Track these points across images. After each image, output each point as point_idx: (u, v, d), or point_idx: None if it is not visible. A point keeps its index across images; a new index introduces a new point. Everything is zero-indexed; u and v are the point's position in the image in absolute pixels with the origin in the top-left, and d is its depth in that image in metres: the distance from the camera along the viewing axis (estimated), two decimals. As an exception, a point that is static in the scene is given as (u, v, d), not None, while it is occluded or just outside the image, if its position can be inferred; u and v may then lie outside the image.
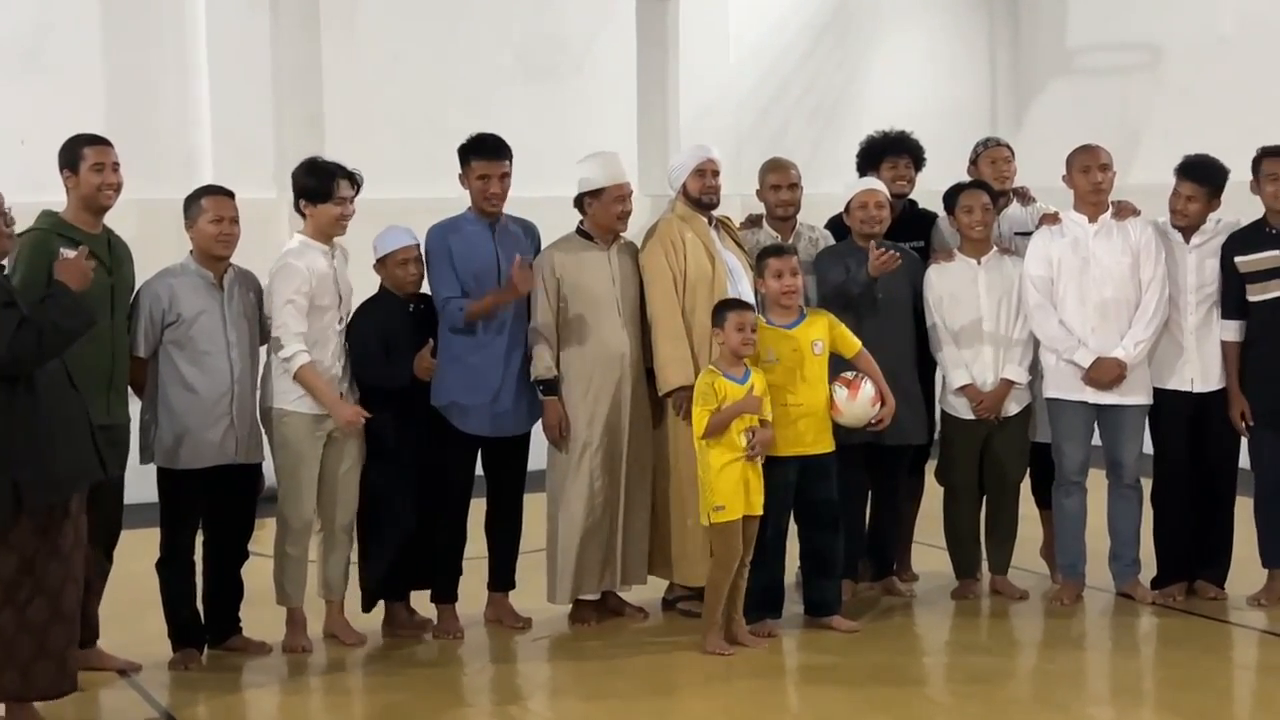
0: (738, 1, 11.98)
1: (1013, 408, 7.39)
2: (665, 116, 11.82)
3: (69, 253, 4.80)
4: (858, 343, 6.89)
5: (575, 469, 6.98)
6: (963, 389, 7.34)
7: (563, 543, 7.01)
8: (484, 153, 6.93)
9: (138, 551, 6.60)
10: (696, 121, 11.53)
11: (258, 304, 6.68)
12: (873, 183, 7.43)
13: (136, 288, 6.50)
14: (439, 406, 6.88)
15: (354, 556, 6.97)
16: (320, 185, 6.70)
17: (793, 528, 7.05)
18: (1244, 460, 7.39)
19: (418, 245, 6.87)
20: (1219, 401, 7.26)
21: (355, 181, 6.80)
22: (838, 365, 6.91)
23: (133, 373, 6.46)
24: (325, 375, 6.63)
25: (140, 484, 6.57)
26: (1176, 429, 7.28)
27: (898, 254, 7.03)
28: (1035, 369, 7.41)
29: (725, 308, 6.66)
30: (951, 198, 7.42)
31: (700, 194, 7.10)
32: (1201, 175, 7.19)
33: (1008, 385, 7.32)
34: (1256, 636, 6.98)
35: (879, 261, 6.99)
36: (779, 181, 7.50)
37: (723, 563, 6.63)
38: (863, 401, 6.78)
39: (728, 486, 6.53)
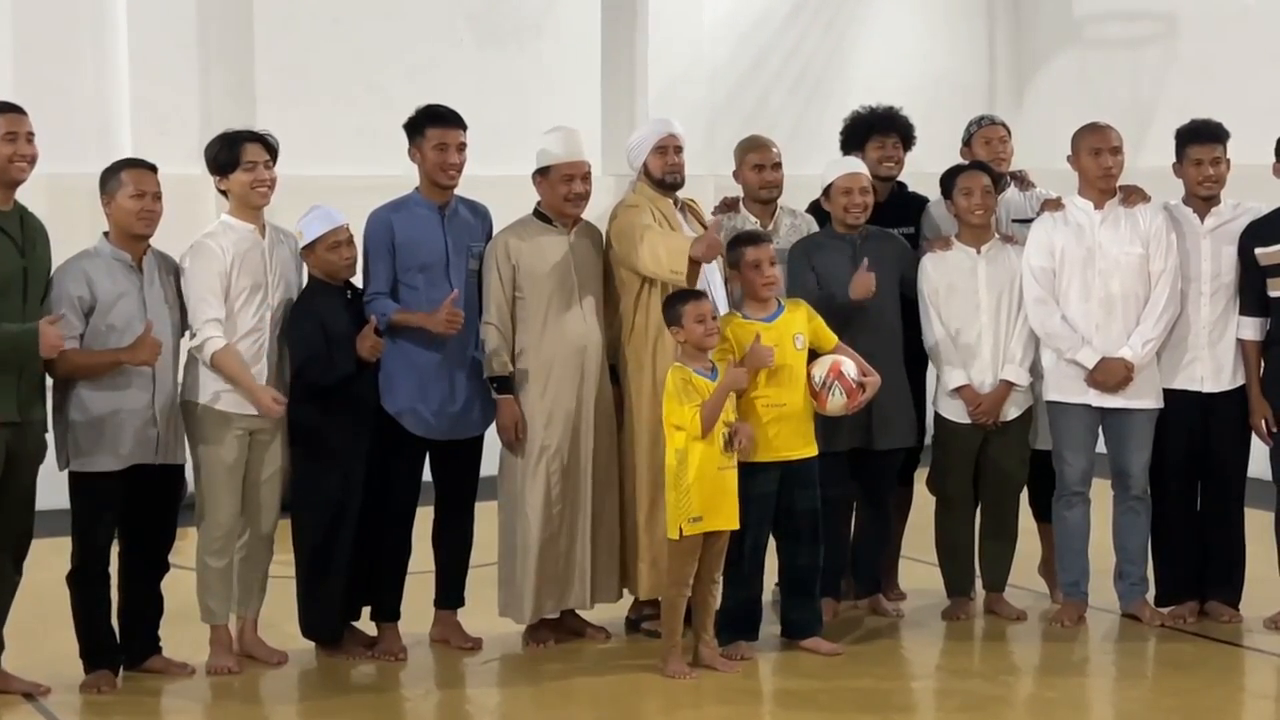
0: (713, -39, 12.04)
1: (1012, 412, 7.44)
2: (632, 88, 11.84)
3: None
4: (834, 337, 6.96)
5: (531, 475, 7.01)
6: (959, 390, 7.39)
7: (520, 557, 7.04)
8: (442, 119, 6.98)
9: (47, 561, 6.59)
10: (666, 93, 11.57)
11: (177, 289, 6.69)
12: (855, 164, 7.46)
13: (51, 271, 6.50)
14: (388, 409, 6.91)
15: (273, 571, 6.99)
16: (228, 154, 6.75)
17: (771, 541, 7.09)
18: (1255, 469, 7.47)
19: (347, 226, 6.89)
20: (1230, 403, 7.33)
21: (268, 145, 6.83)
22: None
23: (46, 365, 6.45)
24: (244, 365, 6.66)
25: (50, 488, 6.56)
26: (1182, 433, 7.34)
27: (874, 276, 7.09)
28: (1036, 370, 7.47)
29: (678, 300, 6.68)
30: (949, 180, 7.47)
31: (663, 173, 7.14)
32: (1217, 133, 7.28)
33: (1007, 387, 7.38)
34: (1275, 662, 7.04)
35: (861, 287, 7.06)
36: (761, 161, 7.54)
37: (678, 580, 6.68)
38: (835, 409, 6.86)
39: (705, 496, 6.58)
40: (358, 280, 7.01)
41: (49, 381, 6.45)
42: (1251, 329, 7.25)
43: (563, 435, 7.00)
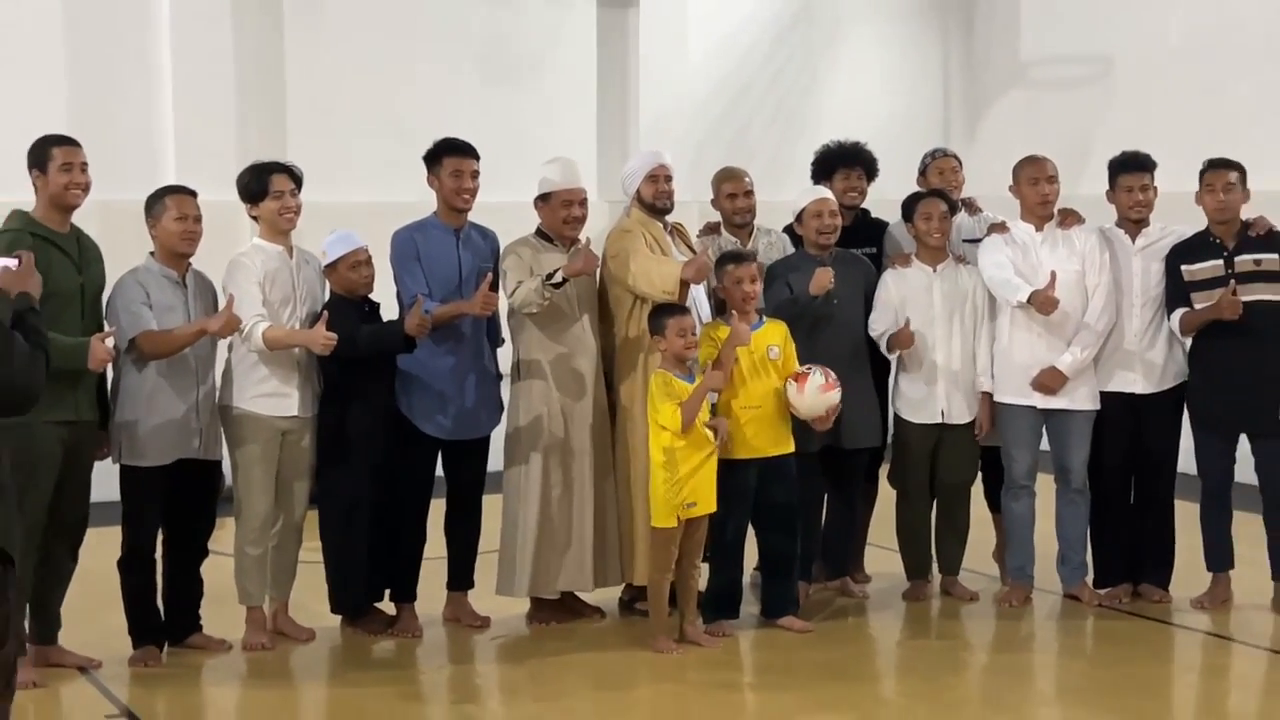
0: (698, 7, 12.02)
1: (965, 416, 7.46)
2: (625, 121, 11.84)
3: (10, 263, 4.38)
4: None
5: (533, 465, 7.00)
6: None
7: (520, 538, 7.03)
8: (457, 150, 6.99)
9: (99, 548, 6.58)
10: (655, 126, 11.57)
11: (214, 304, 6.69)
12: (824, 191, 7.48)
13: (106, 287, 6.50)
14: (405, 412, 6.91)
15: (302, 557, 7.00)
16: (258, 183, 6.75)
17: (750, 531, 7.10)
18: (1184, 465, 7.48)
19: (366, 248, 6.89)
20: (1161, 404, 7.34)
21: (294, 175, 6.83)
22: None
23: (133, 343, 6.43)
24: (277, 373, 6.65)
25: (101, 481, 6.57)
26: (1118, 431, 7.35)
27: (832, 271, 7.10)
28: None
29: (663, 314, 6.70)
30: (910, 205, 7.48)
31: (654, 199, 7.14)
32: (1145, 163, 7.31)
33: (987, 397, 7.39)
34: (1200, 639, 7.06)
35: (817, 284, 7.06)
36: (734, 190, 7.55)
37: (660, 565, 6.70)
38: (812, 390, 6.80)
39: (699, 484, 6.61)
40: (373, 296, 7.00)
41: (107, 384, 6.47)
42: (1176, 315, 7.22)
43: (563, 431, 7.00)
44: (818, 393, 6.81)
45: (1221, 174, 7.13)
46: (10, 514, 4.03)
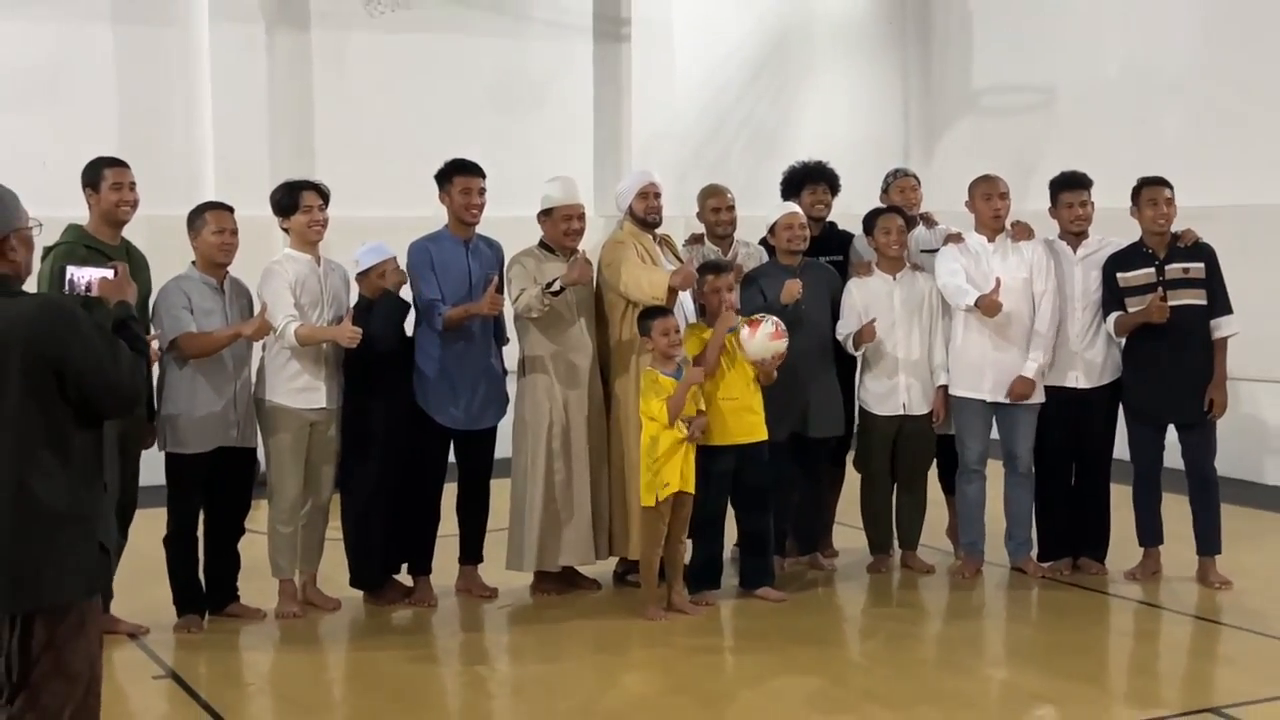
0: (683, 45, 12.01)
1: (923, 407, 7.45)
2: (619, 145, 11.82)
3: (107, 274, 4.27)
4: None
5: (537, 452, 6.99)
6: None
7: (526, 518, 7.03)
8: (466, 170, 6.99)
9: (146, 528, 6.57)
10: (646, 148, 11.55)
11: (249, 308, 6.68)
12: (794, 207, 7.49)
13: (151, 293, 6.49)
14: (421, 405, 6.89)
15: (328, 535, 6.98)
16: (289, 199, 6.74)
17: (730, 511, 7.09)
18: (1119, 452, 7.48)
19: (395, 258, 6.89)
20: (1099, 397, 7.34)
21: (322, 192, 6.82)
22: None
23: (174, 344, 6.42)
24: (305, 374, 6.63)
25: (148, 467, 6.55)
26: (1060, 422, 7.35)
27: (801, 283, 7.08)
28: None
29: (648, 317, 6.71)
30: (871, 220, 7.49)
31: (645, 214, 7.14)
32: (1083, 181, 7.31)
33: (943, 390, 7.38)
34: (1133, 607, 7.06)
35: (787, 294, 7.05)
36: (717, 205, 7.55)
37: (650, 540, 6.70)
38: (761, 336, 6.71)
39: (674, 468, 6.60)
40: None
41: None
42: (1112, 318, 7.20)
43: (563, 421, 6.99)
44: (766, 339, 6.72)
45: (1159, 190, 7.13)
46: (110, 511, 3.99)
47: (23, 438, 3.71)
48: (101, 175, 6.30)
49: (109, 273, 4.28)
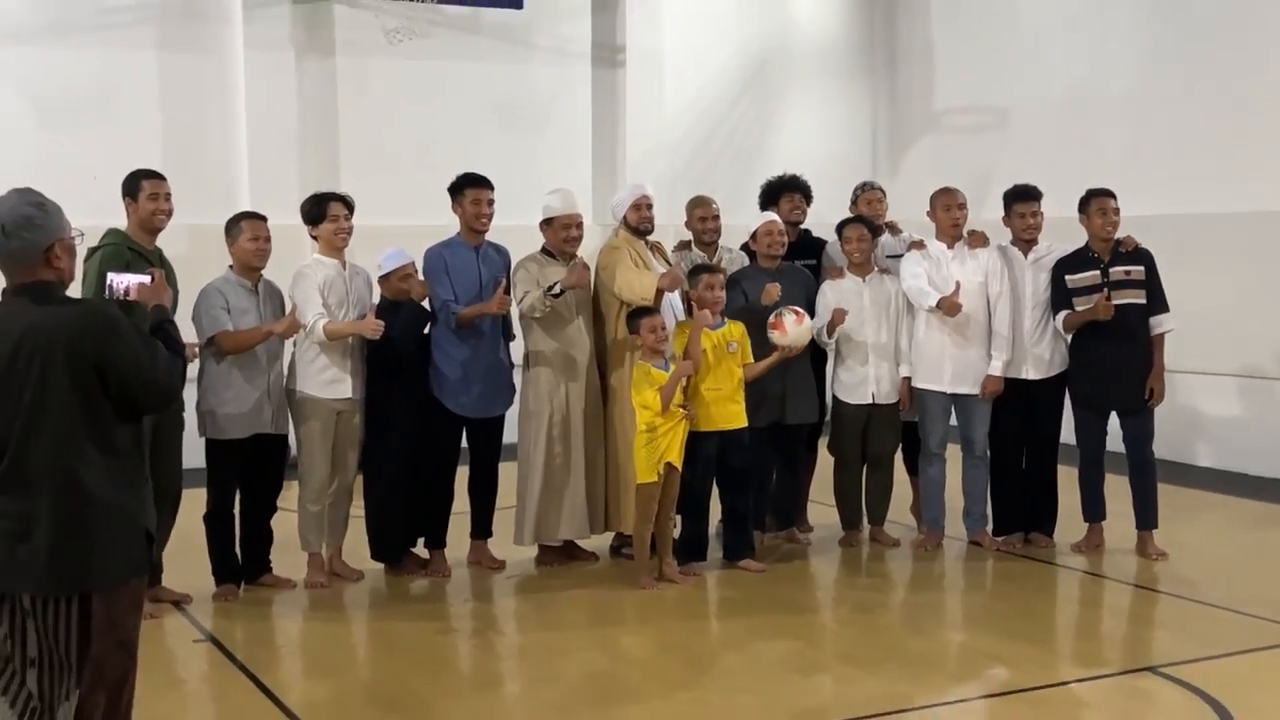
0: (673, 70, 12.03)
1: (890, 396, 7.47)
2: (615, 160, 11.82)
3: (145, 280, 4.22)
4: (751, 358, 6.99)
5: (540, 438, 7.00)
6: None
7: (528, 496, 7.04)
8: (477, 183, 7.00)
9: (189, 507, 6.57)
10: (639, 163, 11.57)
11: (281, 308, 6.69)
12: (773, 216, 7.50)
13: (181, 295, 6.46)
14: (436, 395, 6.90)
15: (353, 512, 6.98)
16: (317, 210, 6.74)
17: (715, 491, 7.11)
18: (1065, 437, 7.50)
19: (414, 263, 6.90)
20: (1048, 388, 7.36)
21: (347, 203, 6.82)
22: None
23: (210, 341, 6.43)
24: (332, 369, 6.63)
25: (190, 452, 6.54)
26: (1013, 411, 7.37)
27: (779, 286, 7.10)
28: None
29: (637, 316, 6.72)
30: (840, 229, 7.52)
31: (638, 223, 7.15)
32: (1034, 193, 7.33)
33: (906, 381, 7.39)
34: (1078, 576, 7.08)
35: (767, 296, 7.07)
36: (704, 214, 7.56)
37: (643, 517, 6.71)
38: (792, 326, 6.86)
39: (670, 445, 6.64)
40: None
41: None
42: (1060, 316, 7.22)
43: (564, 410, 7.00)
44: (795, 325, 6.85)
45: (1107, 200, 7.16)
46: (150, 500, 3.94)
47: (69, 432, 3.68)
48: (140, 186, 6.30)
49: (146, 279, 4.25)
